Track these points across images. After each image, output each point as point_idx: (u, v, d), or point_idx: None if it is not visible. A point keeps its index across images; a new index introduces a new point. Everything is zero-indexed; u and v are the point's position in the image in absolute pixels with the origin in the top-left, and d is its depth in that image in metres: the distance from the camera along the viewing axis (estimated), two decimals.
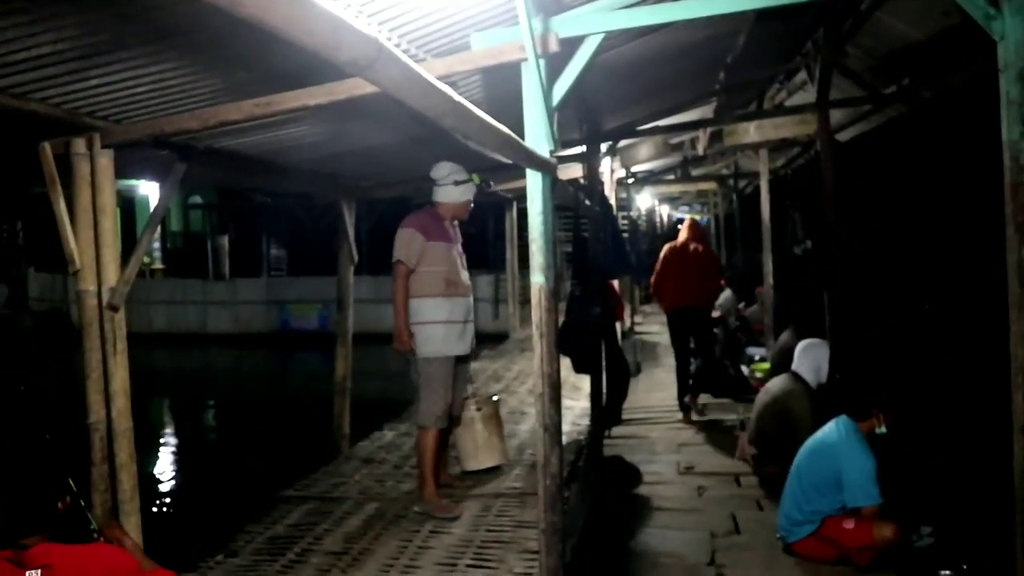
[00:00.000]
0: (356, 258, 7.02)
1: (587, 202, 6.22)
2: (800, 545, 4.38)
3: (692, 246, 7.89)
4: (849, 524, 4.18)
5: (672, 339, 8.06)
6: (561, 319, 5.31)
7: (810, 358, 5.42)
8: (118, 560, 2.57)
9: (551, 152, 3.24)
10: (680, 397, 7.95)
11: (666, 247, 8.09)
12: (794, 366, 5.50)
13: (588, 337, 5.90)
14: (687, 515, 5.26)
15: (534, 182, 3.20)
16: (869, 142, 8.25)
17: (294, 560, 4.32)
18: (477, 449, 5.52)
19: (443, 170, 4.95)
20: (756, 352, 9.51)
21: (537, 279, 3.23)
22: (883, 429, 4.28)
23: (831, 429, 4.36)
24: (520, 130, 3.14)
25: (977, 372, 5.91)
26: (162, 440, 12.00)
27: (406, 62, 1.34)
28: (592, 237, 6.37)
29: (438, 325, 4.84)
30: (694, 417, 7.76)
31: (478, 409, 5.51)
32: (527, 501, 4.99)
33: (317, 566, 4.23)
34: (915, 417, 4.77)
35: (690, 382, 7.96)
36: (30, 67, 2.87)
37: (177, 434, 12.87)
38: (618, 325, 8.90)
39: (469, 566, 4.13)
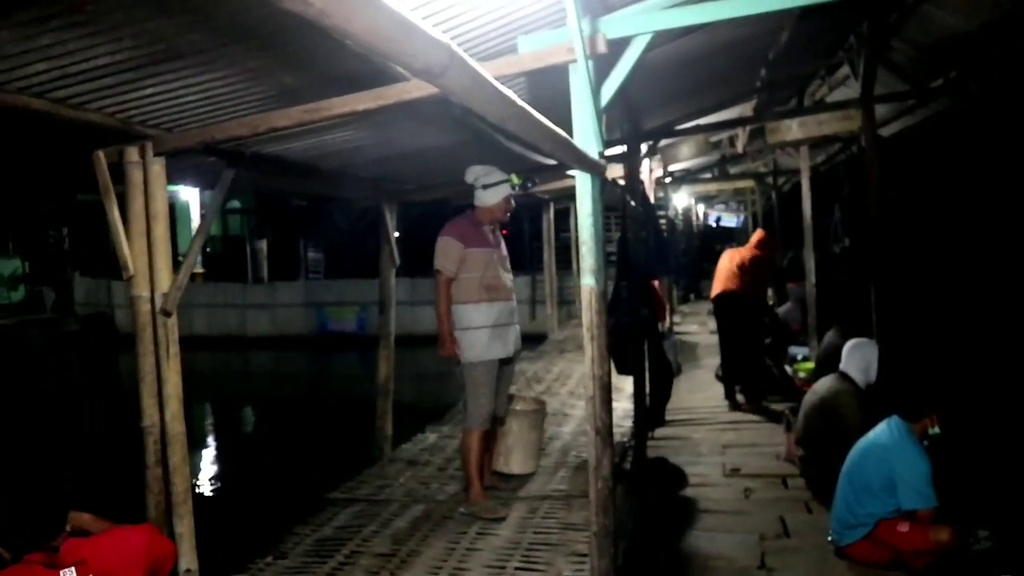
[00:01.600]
0: (398, 261, 7.06)
1: (632, 202, 6.19)
2: (853, 548, 4.30)
3: (747, 249, 8.29)
4: (903, 527, 4.10)
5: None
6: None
7: (858, 357, 5.32)
8: (134, 539, 3.21)
9: (600, 153, 3.23)
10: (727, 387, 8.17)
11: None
12: (842, 366, 5.41)
13: (633, 339, 5.86)
14: (735, 517, 5.20)
15: (583, 183, 3.19)
16: (913, 137, 8.10)
17: (343, 562, 4.36)
18: (512, 451, 5.55)
19: (472, 175, 5.00)
20: (799, 351, 9.38)
21: (587, 281, 3.22)
22: (936, 430, 4.20)
23: (883, 430, 4.28)
24: (564, 131, 3.14)
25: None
26: (208, 443, 12.17)
27: (476, 69, 1.34)
28: (634, 237, 6.34)
29: (481, 330, 4.89)
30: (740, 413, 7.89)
31: (525, 413, 5.57)
32: (573, 503, 4.99)
33: (366, 568, 4.27)
34: (969, 416, 4.67)
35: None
36: (88, 78, 2.93)
37: (222, 436, 13.04)
38: (660, 325, 8.88)
39: (518, 568, 4.14)
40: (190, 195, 23.98)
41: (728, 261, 8.32)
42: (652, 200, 9.62)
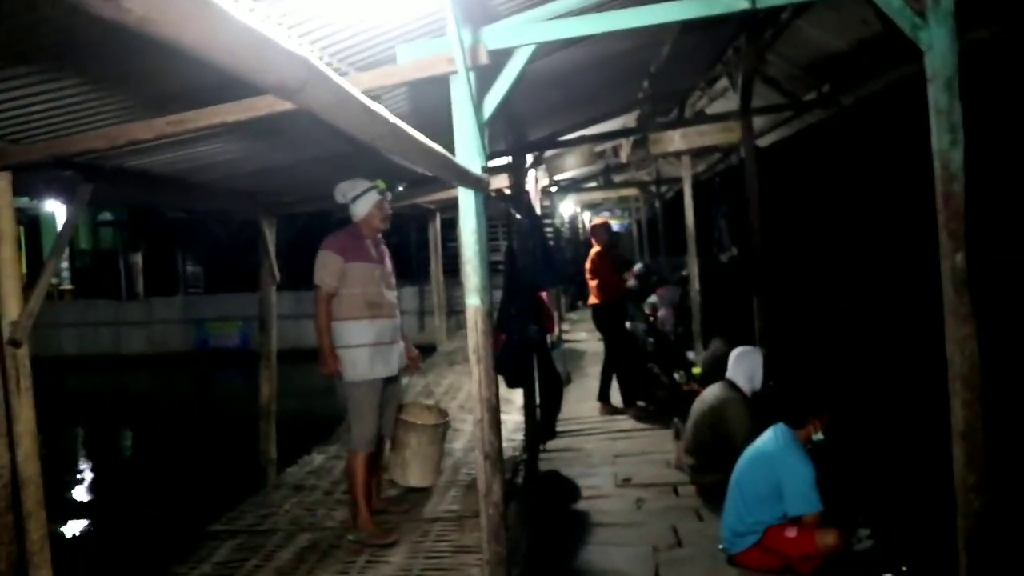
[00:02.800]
0: (278, 277, 6.78)
1: (517, 215, 6.13)
2: (743, 556, 4.34)
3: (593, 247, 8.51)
4: (791, 533, 4.17)
5: None
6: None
7: (744, 365, 5.42)
8: None
9: (483, 168, 3.13)
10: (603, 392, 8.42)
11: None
12: (728, 374, 5.49)
13: (523, 354, 5.79)
14: (628, 529, 5.19)
15: (466, 200, 3.08)
16: (789, 147, 8.41)
17: None
18: (409, 464, 5.40)
19: (339, 192, 4.82)
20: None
21: (472, 301, 3.11)
22: (820, 435, 4.30)
23: (769, 438, 4.34)
24: (448, 144, 3.02)
25: (901, 370, 6.05)
26: (76, 474, 11.40)
27: (339, 84, 1.20)
28: (520, 249, 6.27)
29: (362, 348, 4.70)
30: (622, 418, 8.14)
31: (424, 427, 5.41)
32: (465, 524, 4.86)
33: None
34: (849, 420, 4.81)
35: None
36: None
37: (92, 466, 12.25)
38: (548, 336, 8.90)
39: None
40: (56, 206, 22.56)
41: (588, 264, 8.55)
42: (538, 210, 9.64)
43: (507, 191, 6.87)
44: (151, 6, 0.74)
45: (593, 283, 8.37)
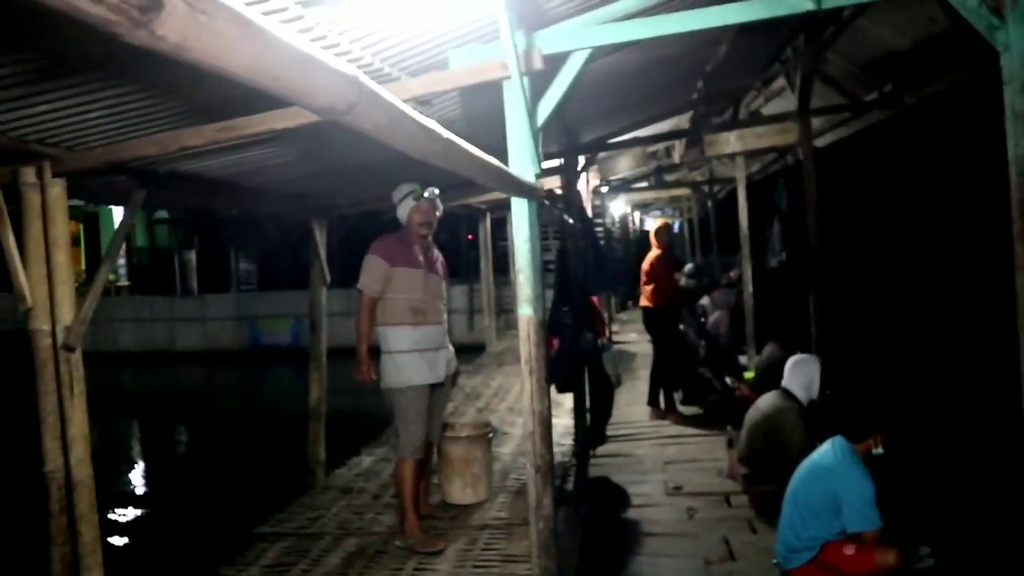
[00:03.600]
0: (328, 278, 6.81)
1: (570, 220, 6.04)
2: (799, 572, 4.20)
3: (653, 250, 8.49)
4: (849, 550, 4.02)
5: None
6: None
7: (801, 374, 5.26)
8: None
9: (536, 175, 3.06)
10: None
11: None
12: (784, 382, 5.34)
13: (575, 361, 5.71)
14: (679, 540, 5.08)
15: (520, 209, 3.01)
16: (847, 148, 8.17)
17: None
18: (473, 481, 5.33)
19: (397, 193, 4.82)
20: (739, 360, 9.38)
21: (525, 311, 3.04)
22: (880, 450, 4.13)
23: (827, 451, 4.19)
24: (500, 148, 2.95)
25: (965, 380, 5.82)
26: (129, 472, 11.63)
27: (391, 102, 1.14)
28: (572, 252, 6.19)
29: (409, 354, 4.66)
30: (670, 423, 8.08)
31: (482, 437, 5.36)
32: (514, 532, 4.80)
33: None
34: (911, 434, 4.63)
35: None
36: None
37: (145, 464, 12.48)
38: (599, 340, 8.82)
39: None
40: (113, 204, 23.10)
41: (645, 265, 8.49)
42: (589, 211, 9.54)
43: (558, 192, 6.80)
44: (186, 33, 0.68)
45: (649, 287, 8.25)
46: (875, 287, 8.34)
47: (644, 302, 8.43)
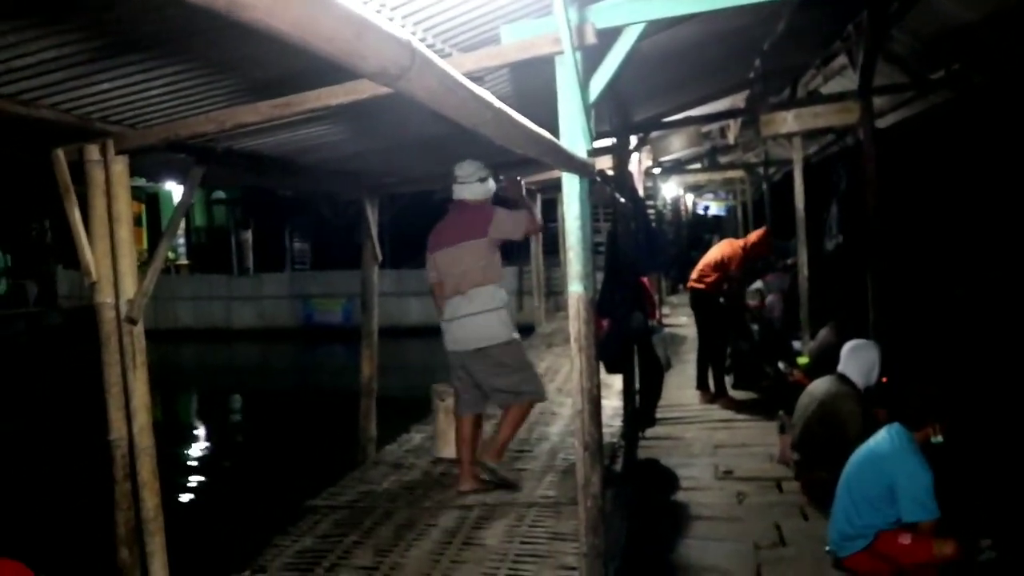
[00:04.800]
0: (380, 257, 6.88)
1: (621, 199, 5.99)
2: (852, 560, 4.14)
3: (744, 241, 8.56)
4: (905, 540, 3.94)
5: None
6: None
7: (860, 360, 5.15)
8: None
9: (588, 152, 3.03)
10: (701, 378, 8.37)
11: None
12: (841, 367, 5.23)
13: (625, 341, 5.68)
14: (728, 524, 5.04)
15: (571, 185, 2.99)
16: (911, 129, 7.94)
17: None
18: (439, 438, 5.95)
19: (468, 168, 5.06)
20: (793, 344, 9.23)
21: (575, 288, 3.03)
22: (939, 438, 4.03)
23: (883, 438, 4.10)
24: (551, 126, 2.93)
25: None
26: (189, 444, 11.93)
27: (443, 69, 1.14)
28: (623, 233, 6.14)
29: (442, 324, 5.23)
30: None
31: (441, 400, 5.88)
32: (562, 511, 4.80)
33: None
34: (972, 423, 4.50)
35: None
36: (35, 72, 2.72)
37: (203, 437, 12.81)
38: (650, 321, 8.76)
39: None
40: (171, 184, 23.59)
41: (718, 252, 8.38)
42: (641, 192, 9.44)
43: (610, 172, 6.74)
44: None
45: (715, 275, 8.14)
46: (935, 272, 8.11)
47: (698, 285, 8.33)
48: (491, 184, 5.12)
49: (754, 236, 8.64)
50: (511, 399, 5.09)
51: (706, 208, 24.98)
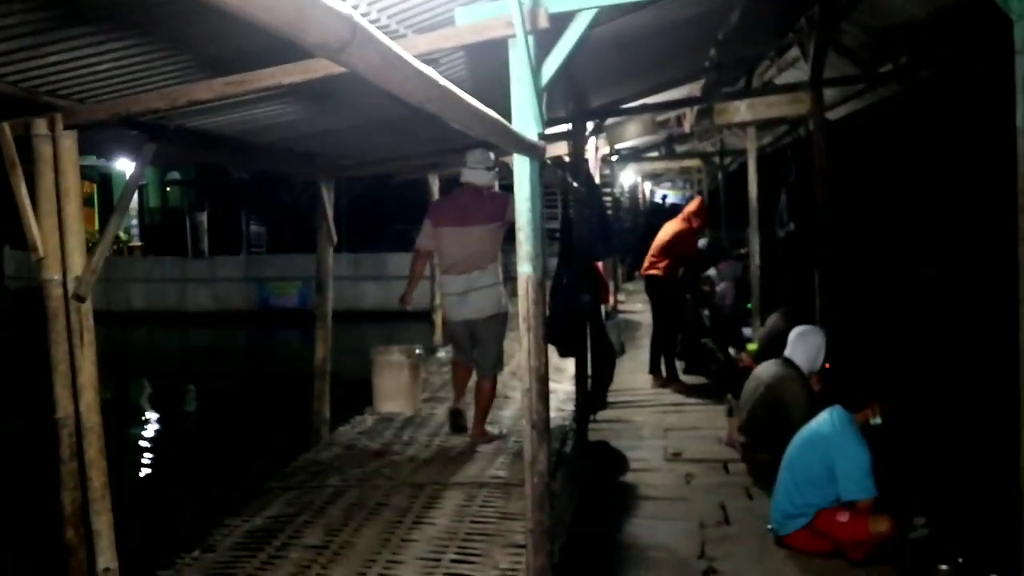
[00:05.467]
0: (335, 239, 6.86)
1: (574, 183, 6.06)
2: (792, 538, 4.28)
3: (677, 220, 8.60)
4: (843, 517, 4.08)
5: None
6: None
7: (806, 346, 5.29)
8: None
9: (539, 135, 3.08)
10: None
11: None
12: (787, 352, 5.37)
13: (575, 323, 5.77)
14: (675, 504, 5.16)
15: (521, 167, 3.04)
16: (860, 121, 8.12)
17: (273, 555, 4.19)
18: (397, 393, 6.59)
19: (478, 156, 5.48)
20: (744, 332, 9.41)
21: (524, 269, 3.08)
22: (878, 420, 4.18)
23: (824, 420, 4.25)
24: (505, 109, 2.97)
25: (965, 354, 5.84)
26: (141, 425, 11.78)
27: (385, 43, 1.17)
28: (578, 218, 6.21)
29: (446, 296, 5.85)
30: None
31: (407, 357, 6.54)
32: (512, 492, 4.87)
33: (297, 561, 4.10)
34: (908, 404, 4.67)
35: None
36: None
37: (155, 418, 12.64)
38: (604, 307, 8.86)
39: (454, 560, 4.02)
40: (127, 164, 23.11)
41: (664, 234, 8.53)
42: (597, 179, 9.52)
43: (566, 159, 6.80)
44: None
45: (666, 261, 8.24)
46: (881, 262, 8.32)
47: (653, 272, 8.44)
48: (494, 174, 5.56)
49: (692, 206, 8.76)
50: (489, 370, 5.75)
51: (664, 197, 25.25)
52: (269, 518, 4.69)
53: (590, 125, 7.34)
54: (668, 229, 8.52)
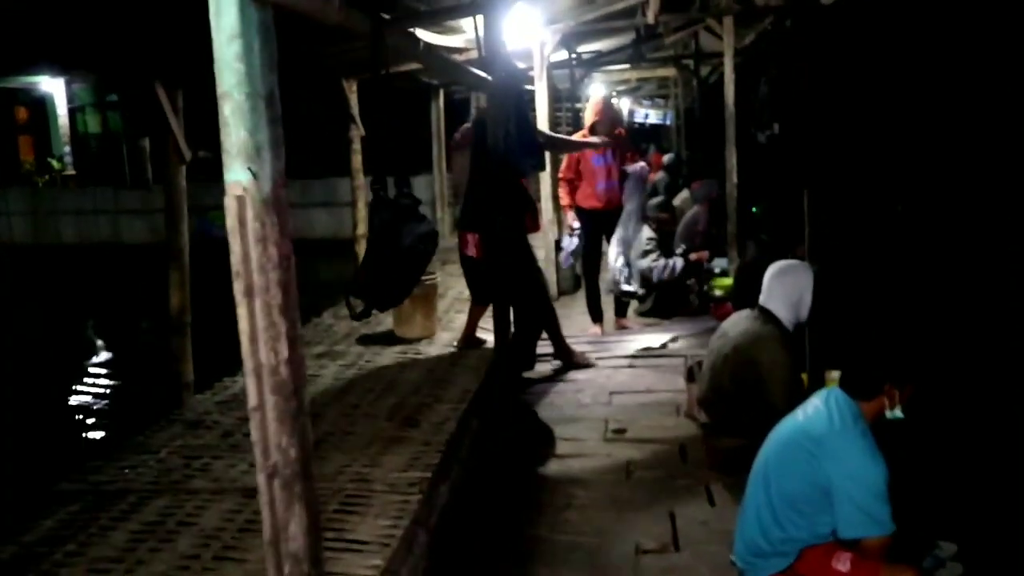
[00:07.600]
0: (188, 155, 5.38)
1: (484, 74, 4.46)
2: None
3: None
4: (842, 565, 2.64)
5: None
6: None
7: (786, 287, 3.80)
8: None
9: None
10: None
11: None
12: (762, 299, 3.88)
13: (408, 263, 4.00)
14: (606, 513, 3.72)
15: None
16: (856, 7, 6.51)
17: None
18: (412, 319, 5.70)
19: None
20: (717, 265, 7.91)
21: (234, 176, 1.57)
22: (897, 412, 2.71)
23: (818, 411, 2.74)
24: None
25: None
26: None
27: None
28: (492, 120, 4.62)
29: None
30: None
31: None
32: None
33: None
34: (943, 387, 3.15)
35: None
36: None
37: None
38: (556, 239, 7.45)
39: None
40: (54, 87, 20.98)
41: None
42: (545, 83, 7.89)
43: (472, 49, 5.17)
44: None
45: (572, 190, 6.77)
46: (880, 182, 6.77)
47: (579, 203, 6.86)
48: None
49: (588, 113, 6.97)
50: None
51: (645, 117, 23.41)
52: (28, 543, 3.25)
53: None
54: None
